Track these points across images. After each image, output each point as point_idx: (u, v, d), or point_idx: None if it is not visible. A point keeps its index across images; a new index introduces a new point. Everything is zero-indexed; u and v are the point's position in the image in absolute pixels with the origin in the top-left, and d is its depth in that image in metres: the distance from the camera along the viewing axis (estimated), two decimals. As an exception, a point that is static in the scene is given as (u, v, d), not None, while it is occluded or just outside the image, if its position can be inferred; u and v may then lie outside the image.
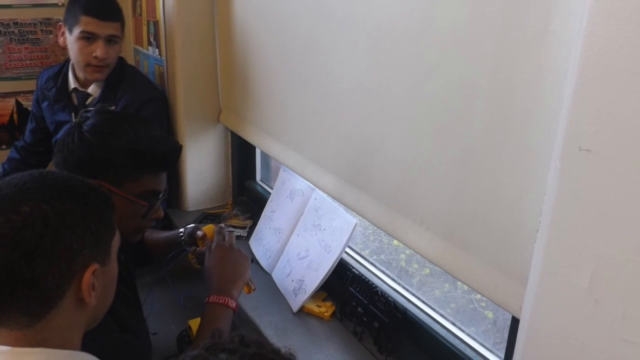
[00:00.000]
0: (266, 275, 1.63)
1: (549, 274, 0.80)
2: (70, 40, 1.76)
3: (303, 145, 1.58)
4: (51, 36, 2.17)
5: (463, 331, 1.25)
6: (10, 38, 2.12)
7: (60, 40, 1.82)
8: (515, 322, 1.04)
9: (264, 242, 1.73)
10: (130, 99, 1.81)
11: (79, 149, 1.14)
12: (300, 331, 1.41)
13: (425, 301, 1.36)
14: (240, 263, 1.31)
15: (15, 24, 2.12)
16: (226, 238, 1.35)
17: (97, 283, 0.80)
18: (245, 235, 1.83)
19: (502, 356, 1.14)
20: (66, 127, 1.79)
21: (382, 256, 2.26)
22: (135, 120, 1.23)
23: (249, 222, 1.88)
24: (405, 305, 1.34)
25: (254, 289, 1.38)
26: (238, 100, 1.90)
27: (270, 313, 1.48)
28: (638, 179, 0.67)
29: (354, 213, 1.42)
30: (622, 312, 0.71)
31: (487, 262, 1.03)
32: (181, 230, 1.51)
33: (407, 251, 2.09)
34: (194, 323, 1.32)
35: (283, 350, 0.67)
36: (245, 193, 2.08)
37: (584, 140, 0.71)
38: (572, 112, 0.72)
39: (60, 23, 1.83)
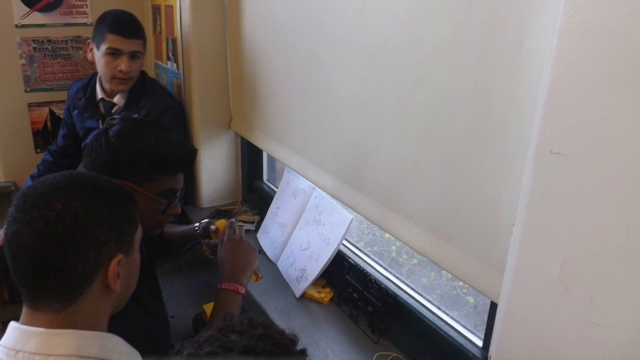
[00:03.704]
0: (272, 265, 1.63)
1: (524, 263, 0.80)
2: (98, 55, 1.76)
3: (305, 149, 1.57)
4: (80, 52, 2.17)
5: (447, 314, 1.25)
6: (44, 54, 2.12)
7: (89, 55, 1.82)
8: (493, 306, 1.04)
9: (270, 235, 1.72)
10: (151, 108, 1.81)
11: (106, 152, 1.14)
12: (302, 314, 1.41)
13: (414, 288, 1.36)
14: (249, 254, 1.31)
15: (49, 41, 2.12)
16: (236, 232, 1.35)
17: (121, 272, 0.80)
18: (254, 229, 1.83)
19: (482, 337, 1.14)
20: (94, 133, 1.78)
21: (375, 248, 2.26)
22: (156, 127, 1.23)
23: (256, 218, 1.88)
24: (396, 292, 1.34)
25: (261, 277, 1.38)
26: (247, 109, 1.90)
27: (276, 298, 1.48)
28: (603, 179, 0.67)
29: (351, 209, 1.42)
30: (589, 298, 0.71)
31: (468, 253, 1.03)
32: (196, 224, 1.51)
33: (398, 243, 2.09)
34: (208, 307, 1.32)
35: (287, 332, 0.67)
36: (254, 192, 2.08)
37: (554, 145, 0.71)
38: (544, 120, 0.72)
39: (88, 40, 1.83)
